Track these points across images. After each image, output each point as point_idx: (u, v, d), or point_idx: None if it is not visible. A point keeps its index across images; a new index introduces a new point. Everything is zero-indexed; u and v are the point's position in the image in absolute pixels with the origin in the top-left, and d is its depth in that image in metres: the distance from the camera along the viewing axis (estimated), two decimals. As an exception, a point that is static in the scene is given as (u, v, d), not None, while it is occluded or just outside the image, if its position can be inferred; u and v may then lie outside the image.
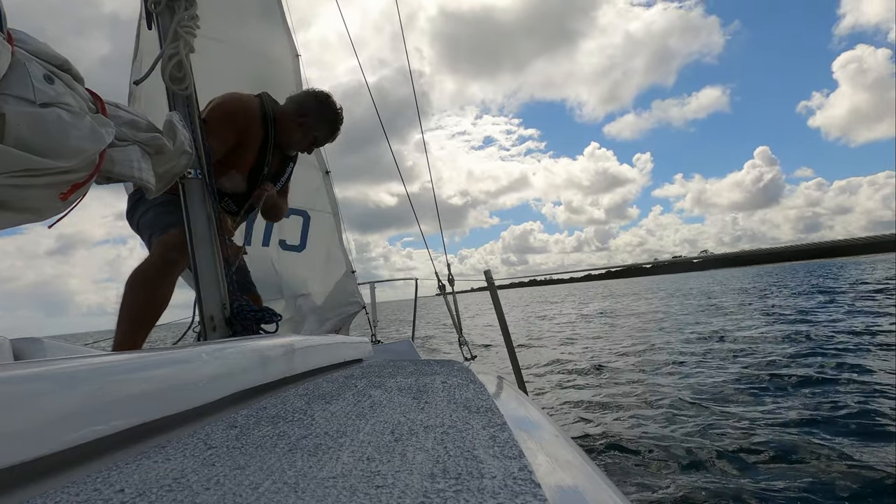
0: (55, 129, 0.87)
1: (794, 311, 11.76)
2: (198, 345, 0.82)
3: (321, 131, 2.09)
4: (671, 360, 6.83)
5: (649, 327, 11.73)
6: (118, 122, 1.09)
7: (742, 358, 6.49)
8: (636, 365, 6.78)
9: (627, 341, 9.34)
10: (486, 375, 0.94)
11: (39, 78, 0.87)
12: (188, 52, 1.49)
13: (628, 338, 9.89)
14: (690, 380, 5.55)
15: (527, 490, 0.36)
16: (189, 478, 0.43)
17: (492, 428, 0.54)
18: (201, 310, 1.51)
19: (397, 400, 0.73)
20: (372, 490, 0.38)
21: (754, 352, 6.84)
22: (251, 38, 3.09)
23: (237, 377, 0.76)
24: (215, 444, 0.53)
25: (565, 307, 19.21)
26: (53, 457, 0.43)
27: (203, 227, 1.52)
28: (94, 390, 0.50)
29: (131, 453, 0.51)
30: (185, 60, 1.49)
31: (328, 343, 1.27)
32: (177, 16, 1.47)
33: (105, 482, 0.42)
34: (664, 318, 13.64)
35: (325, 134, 2.11)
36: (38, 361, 0.68)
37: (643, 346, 8.52)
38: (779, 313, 11.68)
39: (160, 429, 0.58)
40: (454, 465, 0.42)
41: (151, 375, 0.59)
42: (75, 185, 0.95)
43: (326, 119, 2.08)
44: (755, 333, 8.64)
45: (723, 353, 7.04)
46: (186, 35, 1.47)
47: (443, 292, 3.52)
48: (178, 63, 1.47)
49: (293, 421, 0.62)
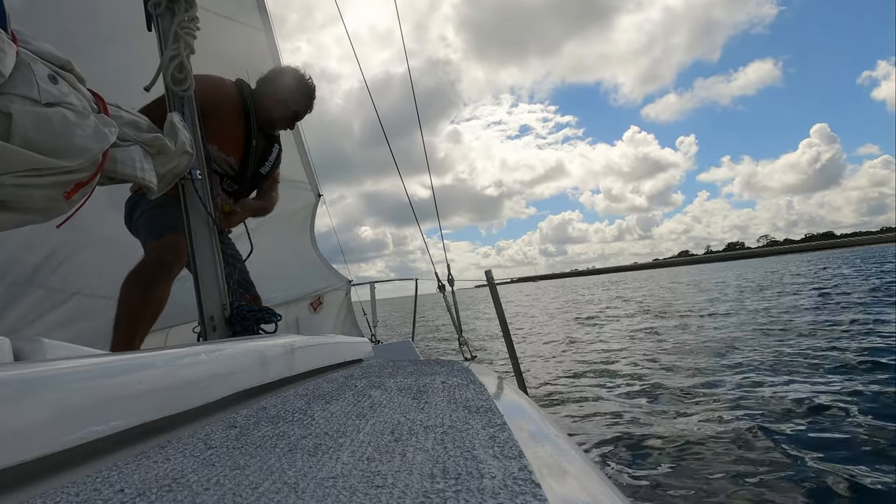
0: (60, 128, 0.88)
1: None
2: (197, 345, 0.82)
3: (300, 104, 2.18)
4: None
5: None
6: (120, 122, 1.09)
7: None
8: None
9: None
10: (486, 375, 0.94)
11: (44, 78, 0.87)
12: (188, 53, 1.49)
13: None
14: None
15: (527, 490, 0.36)
16: (189, 478, 0.43)
17: (492, 428, 0.54)
18: (201, 310, 1.52)
19: (397, 400, 0.73)
20: (372, 490, 0.38)
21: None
22: (228, 42, 3.03)
23: (237, 377, 0.76)
24: (215, 444, 0.53)
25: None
26: (53, 457, 0.43)
27: (203, 227, 1.53)
28: (94, 390, 0.50)
29: (131, 453, 0.51)
30: (186, 62, 1.49)
31: (328, 343, 1.27)
32: (177, 17, 1.47)
33: (105, 482, 0.42)
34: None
35: (304, 107, 2.20)
36: (37, 361, 0.68)
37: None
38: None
39: (160, 429, 0.58)
40: (454, 465, 0.42)
41: (151, 375, 0.59)
42: (78, 185, 0.95)
43: (303, 92, 2.17)
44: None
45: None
46: (187, 36, 1.48)
47: (442, 292, 3.53)
48: (179, 65, 1.48)
49: (293, 421, 0.62)
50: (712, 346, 7.59)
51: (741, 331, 8.42)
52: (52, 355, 0.77)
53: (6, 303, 2.48)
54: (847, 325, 7.74)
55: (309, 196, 4.02)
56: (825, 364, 5.50)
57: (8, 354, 0.71)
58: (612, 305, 17.98)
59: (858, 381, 4.68)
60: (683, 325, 10.15)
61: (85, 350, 0.87)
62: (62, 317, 2.71)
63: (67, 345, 0.83)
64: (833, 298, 11.56)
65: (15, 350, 0.73)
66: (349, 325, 4.50)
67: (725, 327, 9.05)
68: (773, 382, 5.09)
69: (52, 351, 0.78)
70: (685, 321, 10.67)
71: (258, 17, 3.20)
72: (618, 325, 11.34)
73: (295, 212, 3.99)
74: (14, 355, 0.72)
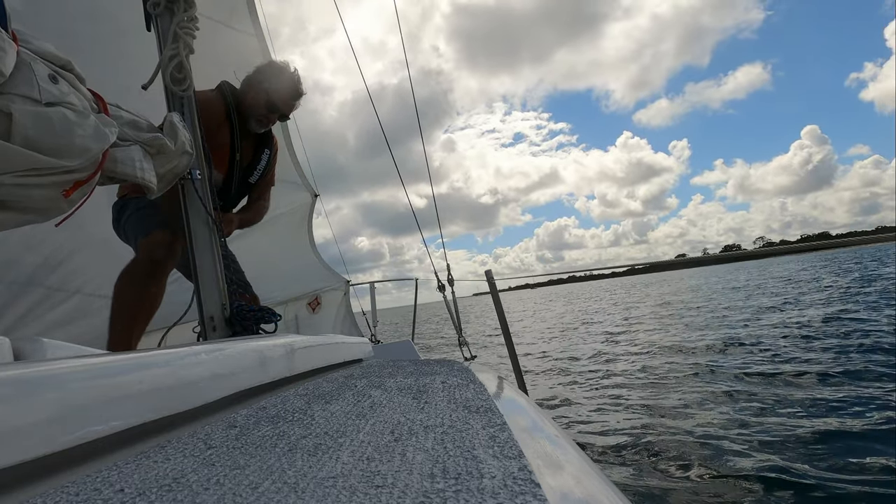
0: (61, 128, 0.88)
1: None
2: (197, 345, 0.82)
3: (282, 95, 2.11)
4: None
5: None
6: (119, 122, 1.09)
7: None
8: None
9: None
10: (486, 375, 0.94)
11: (44, 77, 0.87)
12: (188, 53, 1.49)
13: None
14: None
15: (527, 490, 0.36)
16: (189, 478, 0.43)
17: (491, 428, 0.54)
18: (201, 310, 1.52)
19: (397, 400, 0.73)
20: (372, 490, 0.38)
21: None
22: (221, 47, 3.01)
23: (237, 377, 0.76)
24: (215, 444, 0.53)
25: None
26: (53, 457, 0.43)
27: (203, 227, 1.53)
28: (94, 390, 0.50)
29: (131, 453, 0.51)
30: (185, 62, 1.49)
31: (328, 343, 1.27)
32: (176, 17, 1.47)
33: (105, 482, 0.42)
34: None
35: (287, 97, 2.13)
36: (37, 361, 0.68)
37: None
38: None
39: (160, 429, 0.58)
40: (454, 465, 0.42)
41: (151, 375, 0.59)
42: (78, 183, 0.95)
43: (285, 82, 2.11)
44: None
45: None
46: (186, 36, 1.48)
47: (442, 292, 3.53)
48: (178, 64, 1.48)
49: (293, 421, 0.62)
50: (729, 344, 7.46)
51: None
52: (52, 355, 0.77)
53: (6, 303, 2.47)
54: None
55: (305, 196, 4.01)
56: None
57: (8, 354, 0.71)
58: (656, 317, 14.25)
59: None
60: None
61: (85, 350, 0.87)
62: (62, 316, 2.70)
63: (67, 345, 0.83)
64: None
65: (15, 350, 0.73)
66: (349, 325, 4.49)
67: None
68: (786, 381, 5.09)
69: (52, 351, 0.78)
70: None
71: (250, 23, 3.20)
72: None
73: (292, 211, 3.98)
74: (14, 355, 0.72)
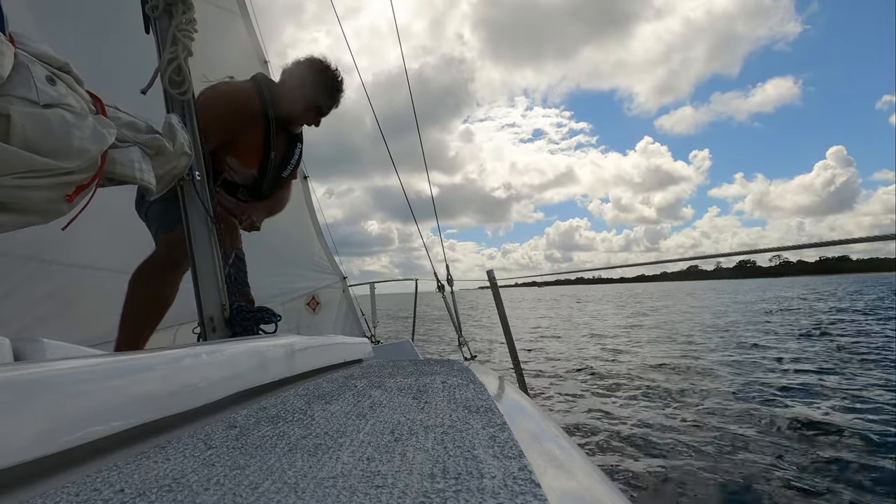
0: (59, 129, 0.88)
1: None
2: (198, 345, 0.82)
3: (323, 99, 2.03)
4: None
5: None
6: (118, 123, 1.09)
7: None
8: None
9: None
10: (486, 375, 0.94)
11: (42, 79, 0.87)
12: (186, 55, 1.49)
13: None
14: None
15: (527, 490, 0.36)
16: (189, 478, 0.43)
17: (492, 428, 0.54)
18: (200, 311, 1.51)
19: (397, 400, 0.73)
20: (372, 490, 0.38)
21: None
22: (212, 46, 3.03)
23: (237, 377, 0.76)
24: (215, 445, 0.53)
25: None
26: (53, 457, 0.43)
27: (202, 227, 1.52)
28: (94, 391, 0.50)
29: (131, 453, 0.51)
30: (184, 65, 1.49)
31: (328, 343, 1.27)
32: (175, 20, 1.47)
33: (105, 482, 0.42)
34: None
35: (328, 100, 2.05)
36: (38, 362, 0.68)
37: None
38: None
39: (160, 429, 0.58)
40: (454, 465, 0.42)
41: (151, 376, 0.59)
42: (80, 188, 0.95)
43: (326, 85, 2.02)
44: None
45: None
46: (185, 39, 1.47)
47: (442, 292, 3.53)
48: (177, 67, 1.47)
49: (293, 421, 0.62)
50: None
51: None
52: (52, 356, 0.77)
53: (6, 303, 2.47)
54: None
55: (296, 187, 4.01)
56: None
57: (8, 354, 0.71)
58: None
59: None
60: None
61: (85, 350, 0.87)
62: (62, 316, 2.70)
63: (68, 345, 0.83)
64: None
65: (15, 350, 0.73)
66: (350, 322, 4.46)
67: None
68: (783, 387, 5.09)
69: (53, 351, 0.78)
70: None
71: (235, 3, 3.21)
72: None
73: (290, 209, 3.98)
74: (14, 355, 0.72)
